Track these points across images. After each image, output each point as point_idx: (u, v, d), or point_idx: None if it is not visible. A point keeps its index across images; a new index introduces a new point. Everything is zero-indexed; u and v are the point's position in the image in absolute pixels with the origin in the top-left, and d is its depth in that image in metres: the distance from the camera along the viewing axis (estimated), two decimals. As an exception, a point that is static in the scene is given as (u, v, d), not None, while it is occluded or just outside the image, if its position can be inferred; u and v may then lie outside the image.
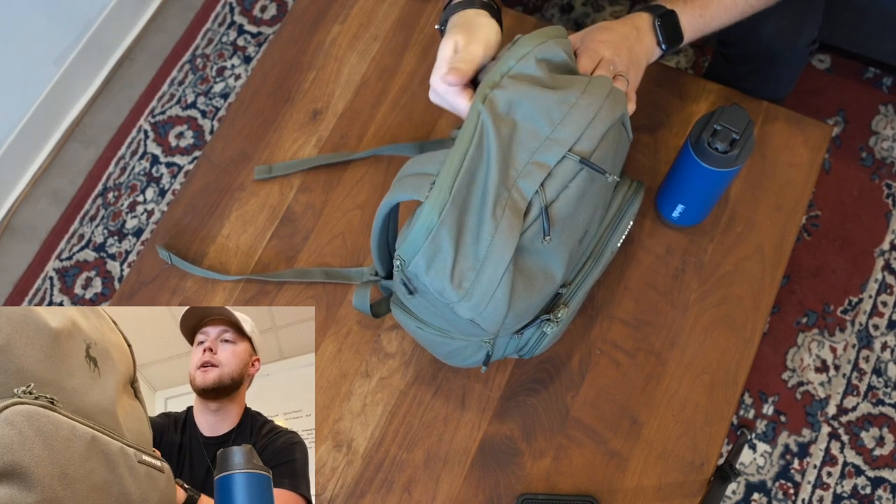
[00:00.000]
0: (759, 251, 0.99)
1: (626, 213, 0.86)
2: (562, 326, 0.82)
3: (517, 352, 0.85)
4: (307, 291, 0.99)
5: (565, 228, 0.74)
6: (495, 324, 0.73)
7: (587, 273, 0.84)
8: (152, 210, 1.60)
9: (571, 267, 0.80)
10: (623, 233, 0.86)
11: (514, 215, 0.70)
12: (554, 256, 0.75)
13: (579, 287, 0.84)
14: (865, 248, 1.49)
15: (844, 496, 1.35)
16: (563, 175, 0.72)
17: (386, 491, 0.91)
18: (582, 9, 1.69)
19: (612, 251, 0.86)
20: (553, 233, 0.72)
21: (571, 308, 0.83)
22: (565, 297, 0.82)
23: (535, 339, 0.82)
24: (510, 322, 0.75)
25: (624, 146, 0.81)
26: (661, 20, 0.89)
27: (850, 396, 1.40)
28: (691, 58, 1.65)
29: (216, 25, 1.74)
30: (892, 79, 1.60)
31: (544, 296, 0.76)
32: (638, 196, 0.88)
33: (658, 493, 0.89)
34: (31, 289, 1.55)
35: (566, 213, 0.73)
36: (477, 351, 0.83)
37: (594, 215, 0.79)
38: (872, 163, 1.55)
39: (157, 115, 1.68)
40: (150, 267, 1.02)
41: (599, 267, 0.86)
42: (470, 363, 0.86)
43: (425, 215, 0.69)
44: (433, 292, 0.73)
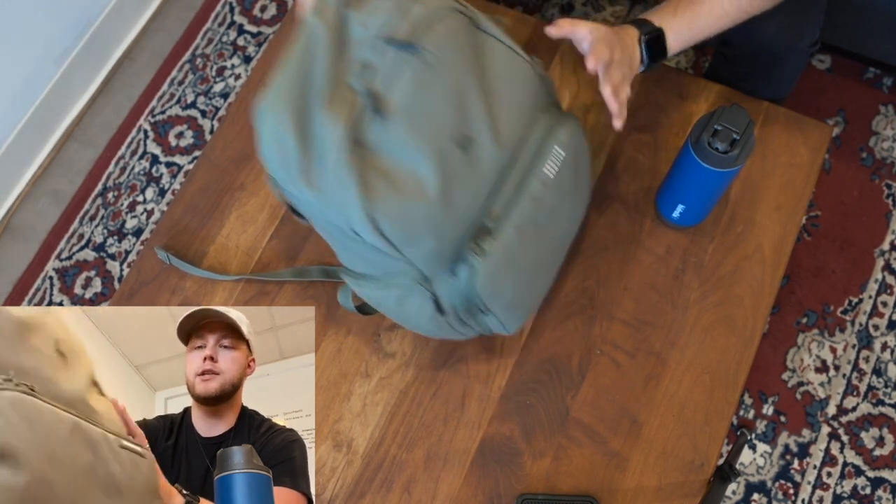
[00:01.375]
0: (759, 251, 0.99)
1: (550, 139, 0.80)
2: (497, 264, 0.78)
3: (466, 300, 0.81)
4: (307, 291, 0.99)
5: (413, 119, 0.72)
6: (364, 227, 0.72)
7: (513, 202, 0.78)
8: (152, 210, 1.60)
9: (454, 176, 0.74)
10: (553, 163, 0.80)
11: (347, 107, 0.71)
12: (412, 153, 0.72)
13: (507, 216, 0.78)
14: (865, 249, 1.49)
15: (844, 496, 1.35)
16: (390, 65, 0.72)
17: (386, 491, 0.91)
18: (582, 9, 1.69)
19: (542, 181, 0.79)
20: (394, 122, 0.71)
21: (505, 243, 0.78)
22: (493, 229, 0.78)
23: (469, 278, 0.78)
24: (396, 234, 0.73)
25: (471, 40, 0.77)
26: (647, 37, 0.90)
27: (850, 397, 1.40)
28: (691, 58, 1.65)
29: (216, 25, 1.74)
30: (892, 79, 1.60)
31: (430, 206, 0.73)
32: (565, 125, 0.82)
33: (658, 494, 0.89)
34: (30, 288, 1.55)
35: (409, 103, 0.72)
36: (422, 300, 0.80)
37: (467, 111, 0.75)
38: (872, 163, 1.55)
39: (156, 114, 1.68)
40: (149, 267, 1.02)
41: (528, 198, 0.79)
42: (426, 320, 0.83)
43: (266, 123, 0.72)
44: (306, 204, 0.74)
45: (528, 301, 0.89)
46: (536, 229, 0.81)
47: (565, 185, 0.83)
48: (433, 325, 0.85)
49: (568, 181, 0.83)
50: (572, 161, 0.82)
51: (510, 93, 0.77)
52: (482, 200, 0.77)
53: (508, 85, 0.77)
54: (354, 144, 0.70)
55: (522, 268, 0.83)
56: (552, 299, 0.98)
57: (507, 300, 0.84)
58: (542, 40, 1.11)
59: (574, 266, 0.99)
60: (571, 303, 0.98)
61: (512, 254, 0.80)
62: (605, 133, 1.05)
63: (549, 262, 0.90)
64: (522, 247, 0.80)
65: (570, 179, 0.83)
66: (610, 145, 1.05)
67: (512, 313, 0.86)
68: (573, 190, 0.85)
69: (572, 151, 0.82)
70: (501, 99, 0.76)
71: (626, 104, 0.88)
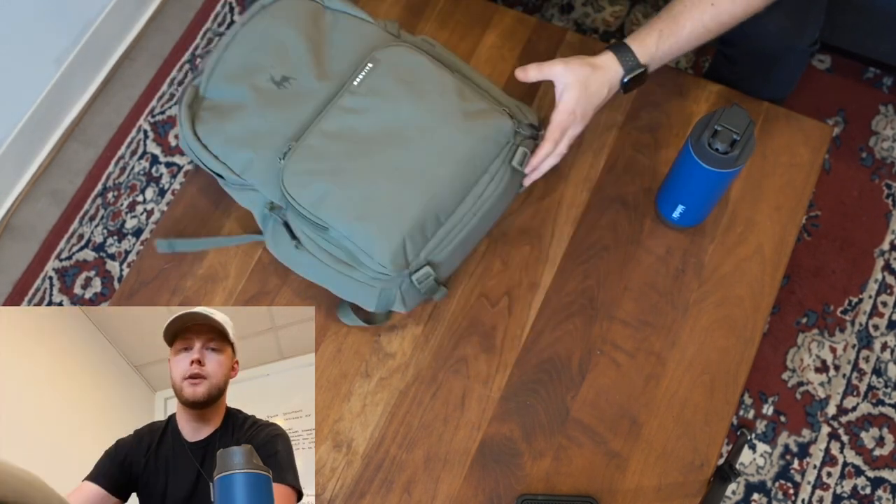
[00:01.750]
0: (760, 251, 0.99)
1: (366, 61, 0.94)
2: (300, 163, 0.90)
3: (303, 218, 0.90)
4: (307, 291, 0.99)
5: (232, 70, 0.97)
6: (195, 146, 0.95)
7: (323, 113, 0.93)
8: (152, 210, 1.60)
9: (268, 104, 0.94)
10: (361, 74, 0.94)
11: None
12: (234, 91, 0.96)
13: (315, 125, 0.92)
14: (865, 249, 1.49)
15: (844, 496, 1.35)
16: (229, 40, 0.99)
17: (386, 491, 0.91)
18: (582, 9, 1.69)
19: (349, 91, 0.93)
20: (219, 70, 0.97)
21: (306, 143, 0.91)
22: (301, 137, 0.92)
23: (280, 182, 0.91)
24: (219, 148, 0.94)
25: (310, 13, 0.99)
26: (629, 78, 0.93)
27: (849, 397, 1.40)
28: (691, 58, 1.65)
29: (216, 25, 1.74)
30: (892, 79, 1.60)
31: (244, 121, 0.94)
32: (384, 49, 0.95)
33: (658, 494, 0.89)
34: (30, 289, 1.55)
35: (238, 60, 0.97)
36: (281, 231, 0.92)
37: (286, 58, 0.96)
38: (872, 163, 1.55)
39: (156, 114, 1.68)
40: (149, 267, 1.02)
41: (334, 108, 0.93)
42: (295, 256, 0.93)
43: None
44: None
45: (370, 212, 0.88)
46: (350, 132, 0.91)
47: (382, 90, 0.93)
48: (309, 265, 0.92)
49: (383, 86, 0.93)
50: (387, 69, 0.93)
51: (341, 43, 0.97)
52: (301, 121, 0.93)
53: (340, 38, 0.98)
54: (195, 100, 0.96)
55: (343, 170, 0.89)
56: (552, 299, 0.98)
57: (336, 205, 0.88)
58: (541, 39, 1.11)
59: (574, 266, 0.99)
60: (571, 303, 0.98)
61: (315, 152, 0.90)
62: (606, 133, 1.05)
63: (391, 166, 0.90)
64: (331, 147, 0.90)
65: (387, 84, 0.93)
66: (610, 145, 1.05)
67: (362, 229, 0.87)
68: (394, 94, 0.93)
69: (385, 62, 0.94)
70: (330, 49, 0.97)
71: (546, 170, 0.97)
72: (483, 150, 0.91)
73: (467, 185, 0.91)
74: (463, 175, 0.90)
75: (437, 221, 0.89)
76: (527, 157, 0.93)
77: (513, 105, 0.97)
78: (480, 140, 0.91)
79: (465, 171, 0.90)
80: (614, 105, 1.06)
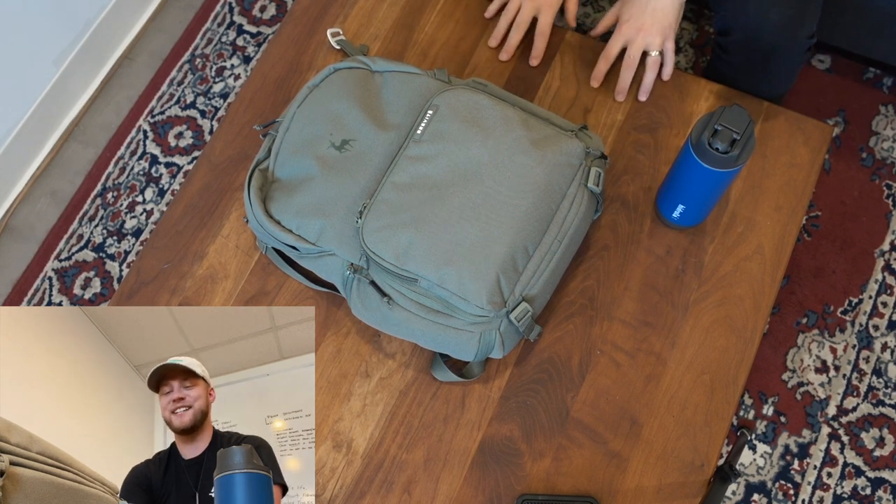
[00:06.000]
0: (760, 251, 0.99)
1: (426, 108, 0.95)
2: (378, 217, 0.90)
3: (388, 272, 0.89)
4: (307, 291, 0.99)
5: (295, 146, 0.98)
6: (266, 223, 0.94)
7: (390, 166, 0.93)
8: (151, 210, 1.60)
9: (333, 167, 0.95)
10: (423, 122, 0.94)
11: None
12: (299, 164, 0.97)
13: (385, 179, 0.92)
14: (865, 249, 1.49)
15: (844, 497, 1.35)
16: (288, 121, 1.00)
17: (386, 491, 0.91)
18: (582, 9, 1.69)
19: (413, 141, 0.94)
20: (283, 151, 0.98)
21: (381, 198, 0.91)
22: (374, 193, 0.93)
23: (360, 240, 0.90)
24: (291, 221, 0.94)
25: (359, 80, 1.01)
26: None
27: (850, 397, 1.40)
28: (691, 58, 1.65)
29: (215, 25, 1.74)
30: (892, 79, 1.60)
31: (313, 191, 0.94)
32: (439, 93, 0.96)
33: (658, 494, 0.89)
34: (30, 289, 1.55)
35: (292, 139, 0.99)
36: (368, 290, 0.90)
37: (341, 124, 0.97)
38: (872, 163, 1.55)
39: (156, 115, 1.67)
40: (149, 267, 1.02)
41: (402, 158, 0.93)
42: (387, 313, 0.90)
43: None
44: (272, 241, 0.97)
45: (458, 256, 0.87)
46: (423, 180, 0.91)
47: (447, 133, 0.93)
48: (403, 321, 0.89)
49: (448, 130, 0.93)
50: (449, 113, 0.94)
51: (395, 99, 0.98)
52: (368, 178, 0.93)
53: (393, 94, 0.99)
54: (264, 183, 0.97)
55: (422, 218, 0.89)
56: (552, 299, 0.98)
57: (422, 254, 0.87)
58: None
59: (574, 266, 0.99)
60: (571, 303, 0.98)
61: (391, 206, 0.90)
62: (605, 133, 1.06)
63: (470, 206, 0.89)
64: (406, 198, 0.90)
65: (451, 127, 0.93)
66: (610, 145, 1.05)
67: (453, 273, 0.86)
68: (460, 135, 0.93)
69: (445, 106, 0.94)
70: (385, 106, 0.98)
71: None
72: (558, 175, 0.91)
73: (549, 212, 0.91)
74: (543, 203, 0.90)
75: (526, 253, 0.89)
76: (601, 176, 0.93)
77: (576, 129, 0.97)
78: (554, 166, 0.91)
79: (545, 198, 0.90)
80: (614, 105, 1.06)
